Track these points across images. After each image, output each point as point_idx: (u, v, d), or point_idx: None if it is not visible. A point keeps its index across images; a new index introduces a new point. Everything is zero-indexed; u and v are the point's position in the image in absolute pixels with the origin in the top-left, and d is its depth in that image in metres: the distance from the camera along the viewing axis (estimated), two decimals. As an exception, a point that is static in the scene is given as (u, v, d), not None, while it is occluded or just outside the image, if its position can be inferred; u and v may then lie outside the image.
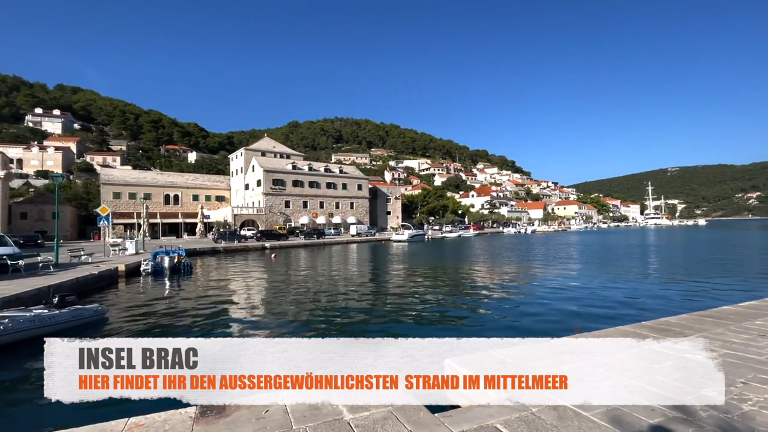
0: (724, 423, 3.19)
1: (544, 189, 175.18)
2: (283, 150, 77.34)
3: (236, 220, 54.47)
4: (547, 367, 4.54)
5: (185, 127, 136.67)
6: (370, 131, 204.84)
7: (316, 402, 3.67)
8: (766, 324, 6.25)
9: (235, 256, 32.01)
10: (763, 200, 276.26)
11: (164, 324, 10.20)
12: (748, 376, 4.15)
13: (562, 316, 10.28)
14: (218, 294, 14.61)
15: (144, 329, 9.65)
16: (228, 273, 21.46)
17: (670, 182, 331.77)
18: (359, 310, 11.78)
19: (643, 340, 5.53)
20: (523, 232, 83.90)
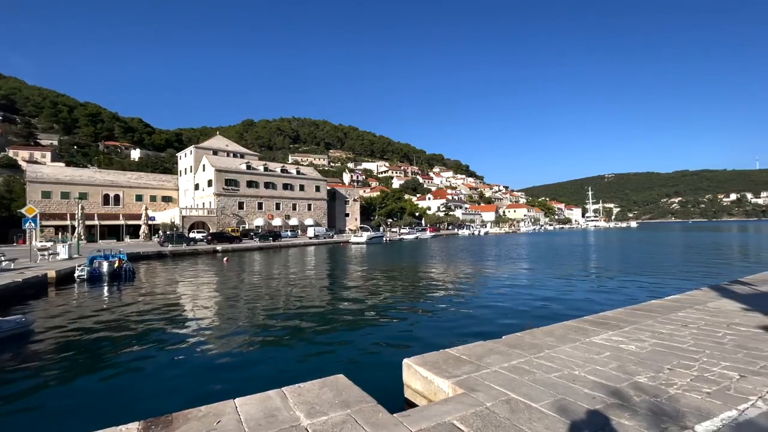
0: (654, 406, 3.50)
1: (496, 193, 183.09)
2: (236, 149, 74.33)
3: (185, 222, 51.48)
4: (500, 362, 4.74)
5: (128, 122, 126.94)
6: (329, 132, 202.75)
7: (272, 409, 3.56)
8: (687, 315, 6.96)
9: (183, 261, 30.21)
10: (684, 204, 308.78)
11: (104, 335, 9.38)
12: (674, 363, 4.59)
13: (514, 314, 10.78)
14: (164, 301, 13.70)
15: (76, 341, 8.80)
16: (175, 278, 20.19)
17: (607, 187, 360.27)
18: (316, 313, 11.58)
19: (584, 334, 5.95)
20: (477, 234, 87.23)
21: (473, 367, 4.55)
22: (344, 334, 9.27)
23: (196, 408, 3.60)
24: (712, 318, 6.71)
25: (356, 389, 4.00)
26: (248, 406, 3.61)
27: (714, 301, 8.19)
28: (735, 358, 4.71)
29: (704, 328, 6.10)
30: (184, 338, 8.99)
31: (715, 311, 7.23)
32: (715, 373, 4.24)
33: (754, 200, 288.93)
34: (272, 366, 7.13)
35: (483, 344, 5.50)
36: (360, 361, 7.29)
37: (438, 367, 4.54)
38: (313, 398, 3.78)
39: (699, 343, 5.31)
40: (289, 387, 4.06)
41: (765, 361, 4.54)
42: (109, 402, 5.72)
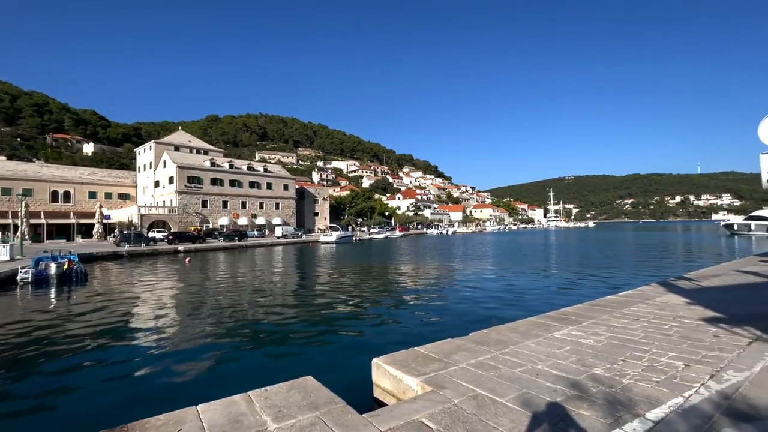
0: (609, 396, 3.70)
1: (464, 193, 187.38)
2: (200, 145, 71.49)
3: (143, 221, 48.88)
4: (467, 359, 4.85)
5: (80, 114, 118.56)
6: (298, 130, 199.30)
7: (237, 414, 3.44)
8: (639, 310, 7.42)
9: (141, 261, 28.68)
10: (635, 206, 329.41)
11: (54, 342, 8.71)
12: (627, 355, 4.88)
13: (481, 311, 11.07)
14: (119, 304, 12.94)
15: (16, 350, 8.13)
16: (133, 280, 19.13)
17: (567, 189, 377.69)
18: (284, 314, 11.35)
19: (546, 329, 6.20)
20: (445, 233, 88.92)
21: (441, 365, 4.62)
22: (313, 335, 9.15)
23: (154, 417, 3.41)
24: (660, 312, 7.19)
25: (325, 390, 3.95)
26: (211, 413, 3.47)
27: (662, 296, 8.78)
28: (680, 348, 5.07)
29: (653, 321, 6.52)
30: (141, 343, 8.53)
31: (662, 305, 7.75)
32: (663, 363, 4.54)
33: (695, 202, 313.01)
34: (238, 370, 6.92)
35: (451, 341, 5.59)
36: (329, 362, 7.21)
37: (407, 366, 4.57)
38: (280, 401, 3.70)
39: (649, 336, 5.67)
40: (255, 391, 3.95)
41: (706, 351, 4.91)
42: (57, 416, 5.32)
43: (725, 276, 11.54)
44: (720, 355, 4.72)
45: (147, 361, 7.36)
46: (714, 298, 8.33)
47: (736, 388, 3.78)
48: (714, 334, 5.66)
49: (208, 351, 7.93)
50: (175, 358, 7.54)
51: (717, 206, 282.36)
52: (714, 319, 6.46)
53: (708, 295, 8.63)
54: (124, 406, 5.45)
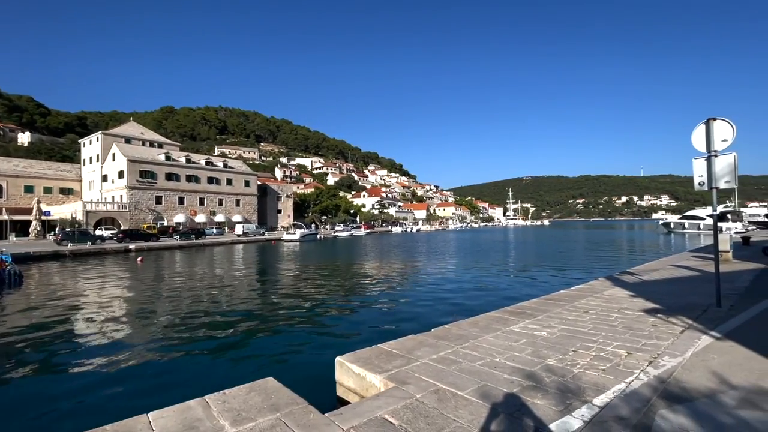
0: (561, 385, 3.92)
1: (428, 192, 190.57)
2: (154, 138, 67.56)
3: (90, 218, 45.51)
4: (429, 354, 4.94)
5: (14, 101, 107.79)
6: (260, 125, 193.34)
7: (193, 420, 3.30)
8: (588, 303, 7.91)
9: (87, 261, 26.66)
10: (586, 205, 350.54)
11: (-24, 351, 7.89)
12: (577, 345, 5.18)
13: (444, 307, 11.33)
14: (60, 308, 11.96)
15: (-59, 360, 7.30)
16: (76, 282, 17.74)
17: (525, 189, 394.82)
18: (245, 315, 11.01)
19: (504, 323, 6.46)
20: (409, 231, 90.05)
21: (404, 361, 4.68)
22: (275, 336, 8.94)
23: (100, 427, 3.19)
24: (606, 304, 7.71)
25: (286, 391, 3.88)
26: (164, 420, 3.30)
27: (608, 289, 9.42)
28: (624, 338, 5.46)
29: (601, 313, 6.98)
30: (85, 350, 7.95)
31: (609, 298, 8.32)
32: (609, 352, 4.87)
33: (639, 202, 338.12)
34: (196, 374, 6.63)
35: (414, 338, 5.68)
36: (292, 363, 7.09)
37: (370, 363, 4.59)
38: (239, 404, 3.58)
39: (597, 327, 6.06)
40: (212, 395, 3.80)
41: (645, 339, 5.33)
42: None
43: (663, 270, 12.57)
44: (657, 343, 5.14)
45: (92, 369, 6.87)
46: (653, 290, 9.05)
47: (671, 372, 4.13)
48: (652, 323, 6.15)
49: (162, 356, 7.53)
50: (125, 364, 7.09)
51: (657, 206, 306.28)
52: (653, 310, 7.02)
53: (648, 288, 9.36)
54: (65, 418, 5.05)
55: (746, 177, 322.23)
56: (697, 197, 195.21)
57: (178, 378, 6.43)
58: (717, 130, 6.60)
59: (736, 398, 3.48)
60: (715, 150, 6.63)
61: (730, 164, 6.53)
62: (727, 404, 3.37)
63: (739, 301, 7.53)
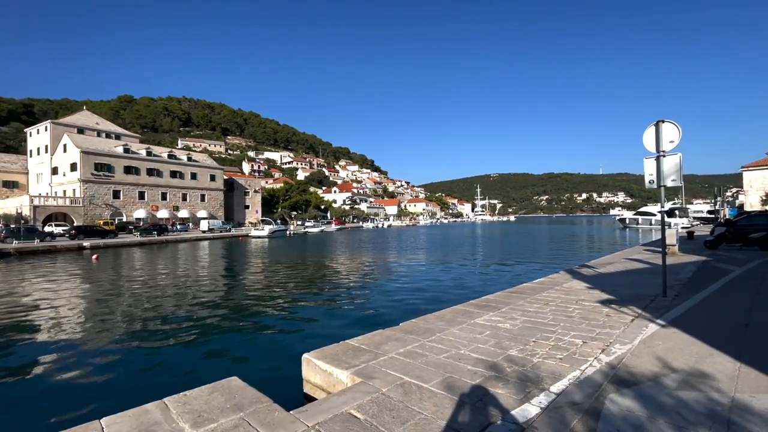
0: (521, 374, 4.09)
1: (399, 187, 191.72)
2: (110, 128, 63.68)
3: (37, 213, 42.38)
4: (396, 348, 5.00)
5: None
6: (226, 117, 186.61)
7: (150, 424, 3.17)
8: (549, 295, 8.27)
9: (35, 260, 24.87)
10: (550, 202, 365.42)
11: None
12: (537, 336, 5.42)
13: (412, 301, 11.48)
14: (6, 310, 11.11)
15: None
16: (21, 282, 16.52)
17: (492, 185, 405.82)
18: (209, 314, 10.67)
19: (470, 316, 6.63)
20: (380, 227, 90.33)
21: (371, 356, 4.71)
22: (242, 335, 8.74)
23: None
24: (566, 296, 8.10)
25: (251, 390, 3.81)
26: (118, 425, 3.16)
27: (568, 282, 9.89)
28: (580, 327, 5.76)
29: (560, 305, 7.32)
30: (33, 354, 7.43)
31: (568, 290, 8.74)
32: (566, 342, 5.13)
33: (598, 199, 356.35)
34: (155, 376, 6.36)
35: (382, 332, 5.73)
36: (258, 361, 6.95)
37: (337, 359, 4.58)
38: (200, 406, 3.48)
39: (556, 318, 6.36)
40: (172, 397, 3.67)
41: (600, 329, 5.65)
42: None
43: (617, 263, 13.34)
44: (610, 332, 5.46)
45: (40, 374, 6.44)
46: (608, 282, 9.59)
47: (621, 359, 4.41)
48: (606, 314, 6.52)
49: (118, 358, 7.17)
50: (76, 368, 6.69)
51: (614, 203, 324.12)
52: (607, 301, 7.45)
53: (604, 281, 9.91)
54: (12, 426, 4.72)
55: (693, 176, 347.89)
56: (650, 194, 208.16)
57: (135, 381, 6.15)
58: (665, 131, 7.05)
59: (677, 380, 3.76)
60: (663, 150, 7.08)
61: (676, 164, 7.00)
62: (669, 386, 3.64)
63: (682, 290, 8.13)
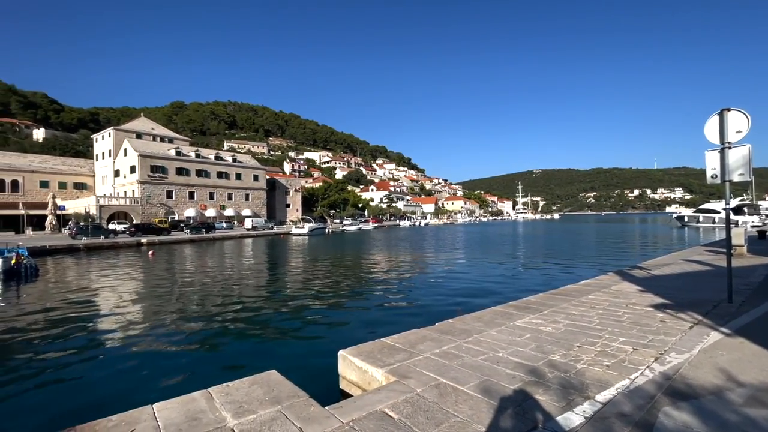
0: (564, 381, 3.89)
1: (436, 185, 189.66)
2: (164, 133, 68.24)
3: (103, 212, 46.33)
4: (432, 349, 4.94)
5: (28, 97, 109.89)
6: (268, 119, 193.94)
7: (196, 411, 3.35)
8: (595, 298, 7.81)
9: (100, 255, 27.22)
10: (597, 199, 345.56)
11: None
12: (582, 341, 5.13)
13: (449, 300, 11.31)
14: (76, 299, 12.25)
15: (-40, 351, 7.54)
16: (90, 275, 18.14)
17: (535, 182, 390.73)
18: (252, 308, 11.14)
19: (509, 318, 6.41)
20: (417, 225, 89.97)
21: (406, 355, 4.69)
22: (281, 329, 9.03)
23: (106, 418, 3.27)
24: (614, 299, 7.60)
25: (289, 384, 3.92)
26: (168, 411, 3.36)
27: (617, 284, 9.28)
28: (630, 333, 5.38)
29: (608, 308, 6.89)
30: (97, 341, 8.14)
31: (617, 293, 8.20)
32: (614, 348, 4.81)
33: (652, 195, 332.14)
34: (201, 365, 6.73)
35: (417, 332, 5.68)
36: (296, 356, 7.15)
37: (372, 357, 4.60)
38: (241, 397, 3.63)
39: (603, 322, 5.98)
40: (216, 387, 3.86)
41: (653, 335, 5.25)
42: (3, 416, 4.99)
43: (674, 265, 12.34)
44: (665, 339, 5.06)
45: (101, 359, 7.03)
46: (663, 285, 8.89)
47: (677, 369, 4.06)
48: (661, 319, 6.04)
49: (169, 348, 7.67)
50: (136, 354, 7.24)
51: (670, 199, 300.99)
52: (662, 306, 6.91)
53: (658, 283, 9.20)
54: (73, 406, 5.19)
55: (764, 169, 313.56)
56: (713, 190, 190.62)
57: (183, 369, 6.55)
58: (731, 121, 6.40)
59: (744, 396, 3.41)
60: (728, 142, 6.44)
61: (744, 156, 6.34)
62: (734, 402, 3.30)
63: (751, 296, 7.36)
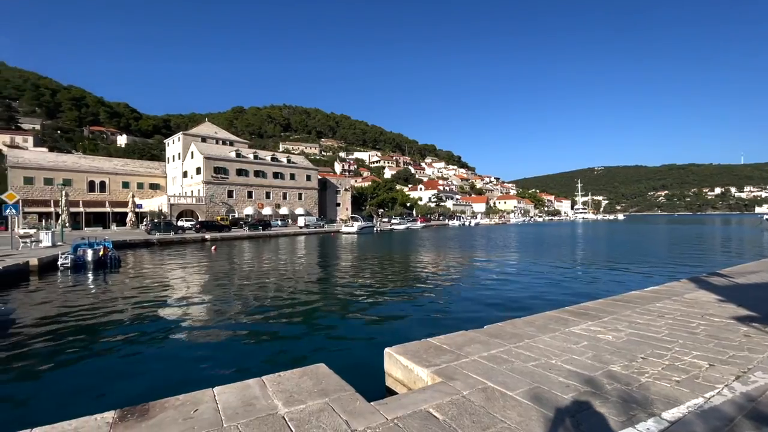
0: (625, 394, 3.60)
1: (487, 184, 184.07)
2: (225, 136, 73.17)
3: (173, 210, 50.80)
4: (480, 352, 4.82)
5: (114, 107, 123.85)
6: (320, 121, 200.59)
7: (250, 397, 3.57)
8: (664, 306, 7.13)
9: (170, 249, 29.90)
10: (670, 198, 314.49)
11: (88, 323, 9.27)
12: (647, 352, 4.71)
13: (499, 303, 10.94)
14: (149, 289, 13.58)
15: (59, 330, 8.69)
16: (163, 267, 19.99)
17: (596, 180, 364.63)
18: (303, 302, 11.60)
19: (564, 324, 6.06)
20: (467, 225, 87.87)
21: (453, 356, 4.62)
22: (330, 323, 9.31)
23: (173, 397, 3.59)
24: (687, 309, 6.89)
25: (336, 378, 4.04)
26: (226, 395, 3.62)
27: (691, 292, 8.39)
28: (706, 347, 4.85)
29: (679, 318, 6.26)
30: (167, 326, 8.95)
31: (691, 302, 7.42)
32: (686, 362, 4.36)
33: (737, 194, 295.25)
34: (255, 354, 7.15)
35: (464, 334, 5.57)
36: (344, 350, 7.34)
37: (418, 356, 4.59)
38: (292, 387, 3.81)
39: (673, 333, 5.45)
40: (269, 376, 4.08)
41: (734, 351, 4.68)
42: (87, 390, 5.68)
43: (763, 273, 10.90)
44: (749, 356, 4.49)
45: (170, 343, 7.72)
46: (749, 296, 7.89)
47: (763, 390, 3.59)
48: (745, 333, 5.38)
49: (228, 335, 8.23)
50: (200, 340, 7.88)
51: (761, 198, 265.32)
52: (746, 318, 6.14)
53: (742, 293, 8.19)
54: (146, 384, 5.75)
55: None
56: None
57: (239, 356, 6.99)
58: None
59: None
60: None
61: None
62: (837, 433, 2.85)
63: None
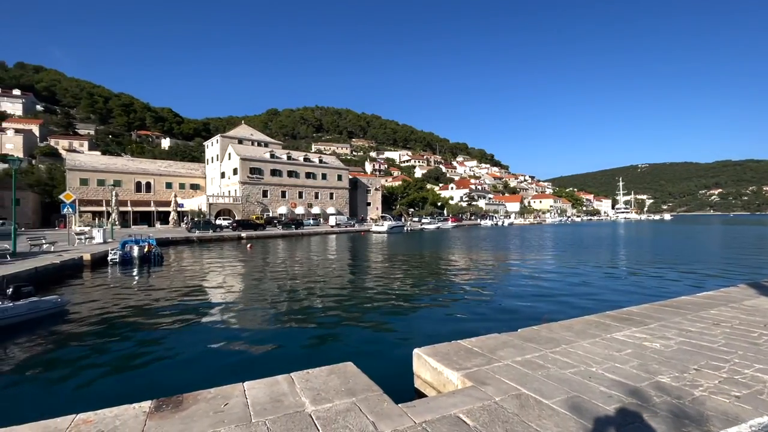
0: (675, 408, 3.30)
1: (522, 183, 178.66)
2: (261, 138, 75.52)
3: (211, 209, 53.07)
4: (513, 356, 4.61)
5: (158, 112, 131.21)
6: (351, 121, 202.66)
7: (279, 393, 3.59)
8: (720, 314, 6.55)
9: (209, 246, 31.22)
10: (724, 197, 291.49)
11: (131, 315, 9.82)
12: (701, 363, 4.32)
13: (533, 306, 10.52)
14: (188, 284, 14.20)
15: (109, 321, 9.25)
16: (202, 263, 20.89)
17: (640, 178, 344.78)
18: (334, 300, 11.70)
19: (605, 329, 5.70)
20: (500, 225, 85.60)
21: (485, 360, 4.44)
22: (359, 322, 9.31)
23: (206, 390, 3.68)
24: (747, 317, 6.29)
25: (364, 377, 3.99)
26: (256, 390, 3.66)
27: (751, 299, 7.67)
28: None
29: (738, 327, 5.72)
30: (204, 320, 9.29)
31: (751, 310, 6.77)
32: (747, 376, 3.96)
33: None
34: (285, 351, 7.26)
35: (497, 337, 5.36)
36: (372, 350, 7.29)
37: (448, 359, 4.46)
38: (319, 385, 3.79)
39: (731, 343, 4.98)
40: (297, 373, 4.09)
41: (805, 365, 4.20)
42: (129, 379, 5.98)
43: (837, 279, 9.80)
44: (823, 372, 4.01)
45: (207, 337, 8.00)
46: (820, 304, 7.10)
47: (843, 411, 3.17)
48: (817, 346, 4.82)
49: (260, 330, 8.43)
50: (231, 335, 8.11)
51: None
52: (818, 329, 5.51)
53: (812, 301, 7.38)
54: (182, 376, 5.97)
55: None
56: None
57: (270, 352, 7.13)
58: None
59: None
60: None
61: None
62: None
63: None
